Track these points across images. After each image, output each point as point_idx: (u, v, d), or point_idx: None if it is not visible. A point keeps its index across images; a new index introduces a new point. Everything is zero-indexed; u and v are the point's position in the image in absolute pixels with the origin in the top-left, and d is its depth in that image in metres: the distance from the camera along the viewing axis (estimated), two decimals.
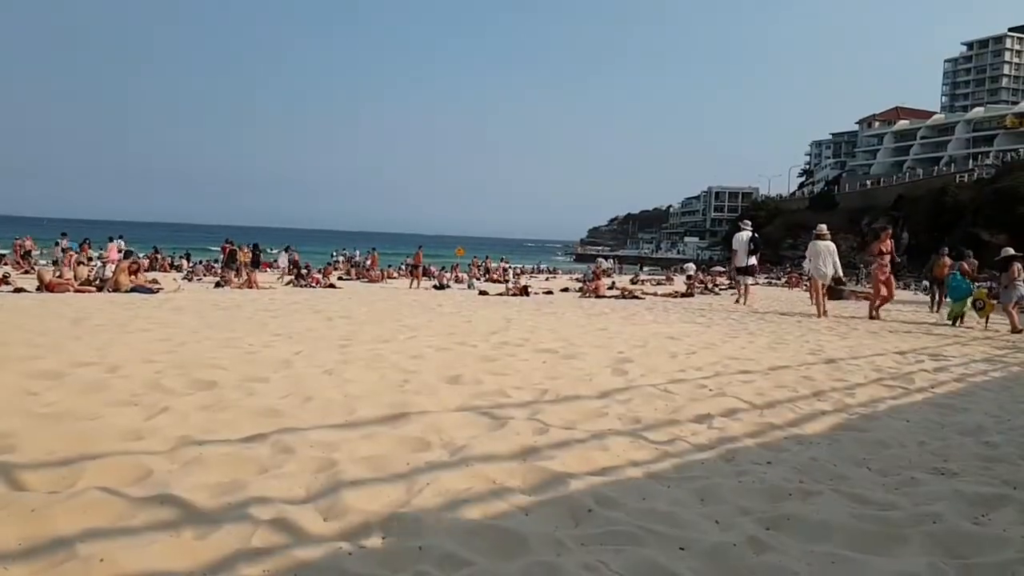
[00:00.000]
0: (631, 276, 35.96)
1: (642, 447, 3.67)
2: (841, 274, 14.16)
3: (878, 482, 3.19)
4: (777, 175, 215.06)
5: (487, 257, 38.38)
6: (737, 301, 16.19)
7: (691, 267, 32.55)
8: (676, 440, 3.83)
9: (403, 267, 32.35)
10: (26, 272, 22.23)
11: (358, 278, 28.25)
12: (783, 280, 36.20)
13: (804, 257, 16.46)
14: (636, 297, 18.94)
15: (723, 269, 19.86)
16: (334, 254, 31.41)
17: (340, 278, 26.94)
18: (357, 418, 4.03)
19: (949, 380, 6.14)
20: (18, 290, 15.24)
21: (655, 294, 21.22)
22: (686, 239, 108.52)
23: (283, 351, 6.45)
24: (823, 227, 13.77)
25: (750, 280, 16.50)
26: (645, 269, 56.08)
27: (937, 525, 2.62)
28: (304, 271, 25.31)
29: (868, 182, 71.93)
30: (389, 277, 29.72)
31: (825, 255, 13.25)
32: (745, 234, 15.69)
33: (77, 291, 15.28)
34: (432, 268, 30.89)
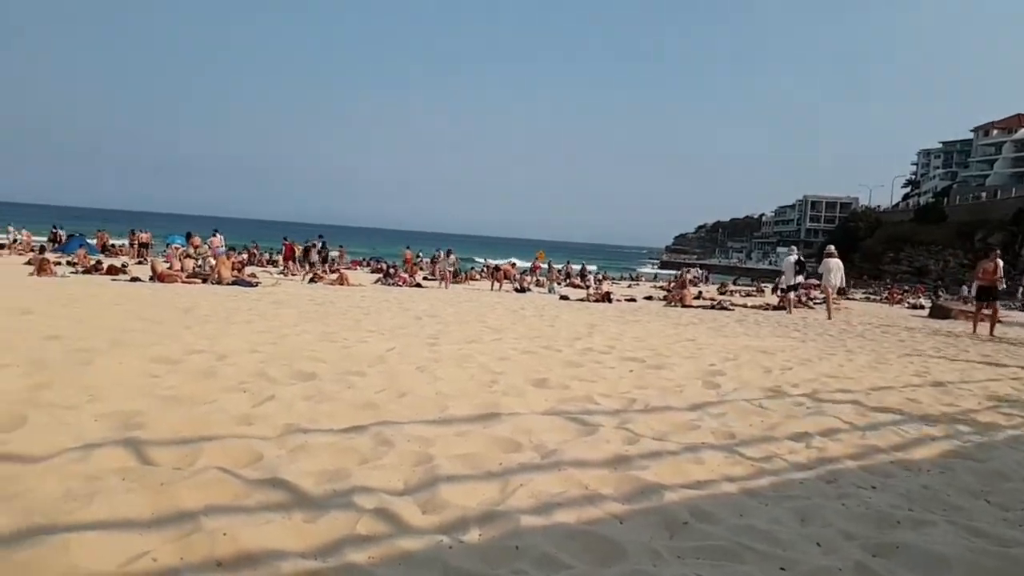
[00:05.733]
0: (719, 286, 34.93)
1: (738, 463, 3.58)
2: (845, 286, 17.32)
3: (998, 516, 2.99)
4: (879, 185, 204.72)
5: (568, 262, 38.31)
6: (789, 311, 17.82)
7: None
8: (773, 457, 3.71)
9: (484, 270, 32.83)
10: (140, 262, 23.91)
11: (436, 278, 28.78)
12: (883, 295, 34.36)
13: (908, 273, 16.68)
14: (725, 308, 18.44)
15: (817, 282, 19.48)
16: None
17: (425, 278, 27.54)
18: (450, 415, 4.12)
19: None
20: (134, 279, 16.43)
21: (745, 305, 20.59)
22: (778, 249, 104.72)
23: (377, 347, 6.66)
24: (832, 247, 16.83)
25: (794, 296, 18.56)
26: (740, 280, 50.37)
27: None
28: (392, 270, 26.05)
29: (982, 194, 67.15)
30: (471, 279, 30.18)
31: (835, 270, 15.96)
32: (792, 257, 18.03)
33: (184, 282, 16.32)
34: (513, 271, 31.17)
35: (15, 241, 30.01)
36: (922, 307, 24.61)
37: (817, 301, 25.12)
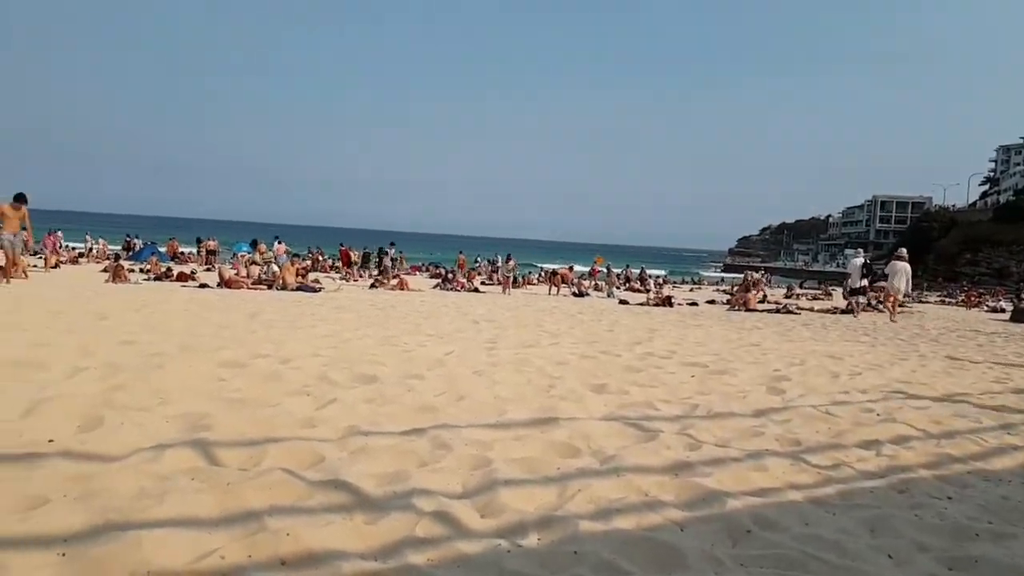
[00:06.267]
0: (786, 288, 33.92)
1: (803, 470, 3.47)
2: (910, 291, 16.88)
3: None
4: (954, 184, 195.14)
5: (627, 266, 37.95)
6: (856, 314, 17.25)
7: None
8: (840, 465, 3.58)
9: (542, 274, 32.88)
10: (208, 269, 24.86)
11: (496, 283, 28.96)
12: (959, 298, 32.77)
13: (986, 274, 16.03)
14: (791, 312, 17.93)
15: (883, 284, 18.68)
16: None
17: (483, 283, 27.72)
18: (508, 419, 4.13)
19: None
20: (202, 285, 17.09)
21: (811, 309, 19.96)
22: (846, 251, 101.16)
23: (436, 351, 6.74)
24: (903, 251, 16.43)
25: (862, 299, 18.03)
26: (806, 283, 45.30)
27: None
28: (450, 275, 26.34)
29: None
30: (529, 283, 30.25)
31: (901, 274, 15.73)
32: (859, 260, 17.88)
33: (250, 288, 16.87)
34: (571, 276, 31.11)
35: (91, 250, 31.67)
36: (1002, 310, 23.37)
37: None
